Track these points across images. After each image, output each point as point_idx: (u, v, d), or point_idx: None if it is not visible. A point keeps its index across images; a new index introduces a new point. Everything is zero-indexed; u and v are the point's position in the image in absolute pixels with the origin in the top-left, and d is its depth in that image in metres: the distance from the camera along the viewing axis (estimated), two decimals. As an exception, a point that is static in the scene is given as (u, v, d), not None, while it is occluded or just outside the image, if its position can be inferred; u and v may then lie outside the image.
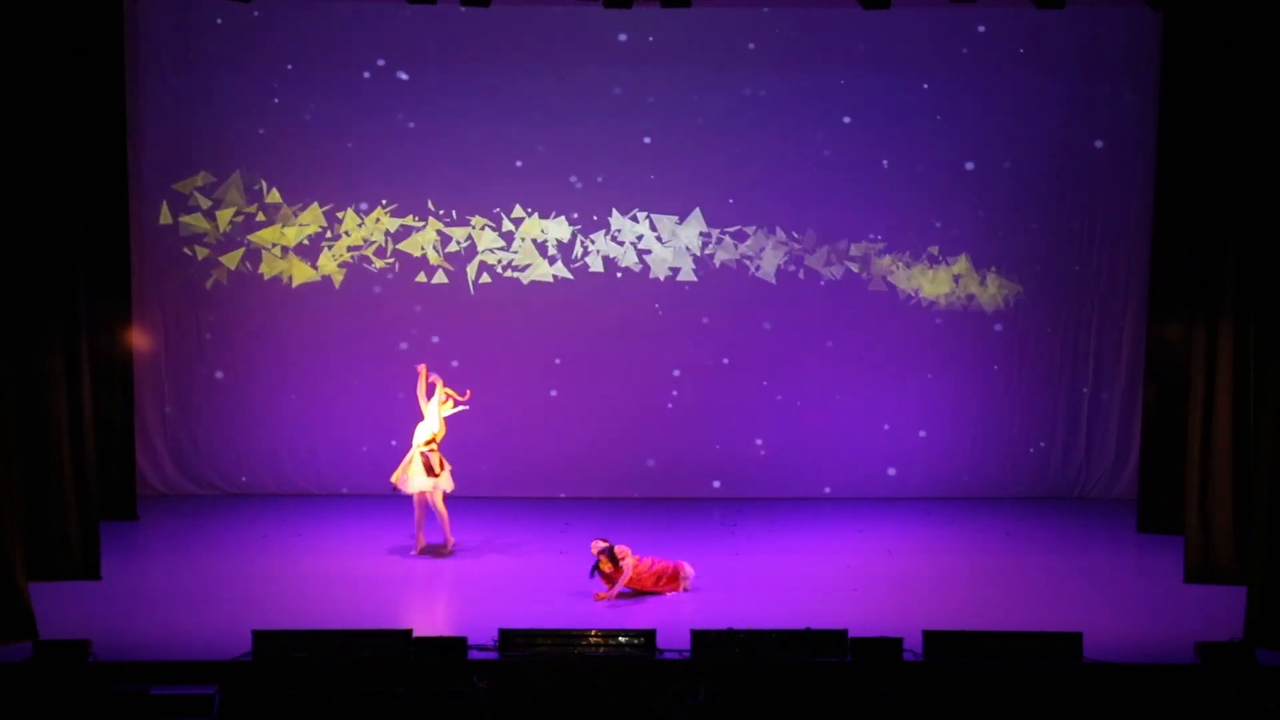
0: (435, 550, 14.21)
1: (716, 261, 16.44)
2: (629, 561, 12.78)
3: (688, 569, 13.06)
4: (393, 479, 14.12)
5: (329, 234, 16.34)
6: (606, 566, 12.79)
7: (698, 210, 16.38)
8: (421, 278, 16.37)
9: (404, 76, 16.11)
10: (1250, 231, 12.75)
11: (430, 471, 14.01)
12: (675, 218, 16.42)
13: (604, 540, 12.88)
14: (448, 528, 14.23)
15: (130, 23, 15.27)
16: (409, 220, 16.35)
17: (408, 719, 10.13)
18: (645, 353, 16.53)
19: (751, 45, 16.13)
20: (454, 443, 16.43)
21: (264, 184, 16.22)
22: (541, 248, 16.41)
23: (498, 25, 15.83)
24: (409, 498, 14.34)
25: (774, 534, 15.21)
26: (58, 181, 12.80)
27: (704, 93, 16.21)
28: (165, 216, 16.12)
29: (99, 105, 14.21)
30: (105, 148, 14.55)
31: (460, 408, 14.35)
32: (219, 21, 15.90)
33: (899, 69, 16.18)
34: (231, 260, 16.27)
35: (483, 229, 16.36)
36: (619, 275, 16.47)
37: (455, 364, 16.07)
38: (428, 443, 14.07)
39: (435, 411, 14.14)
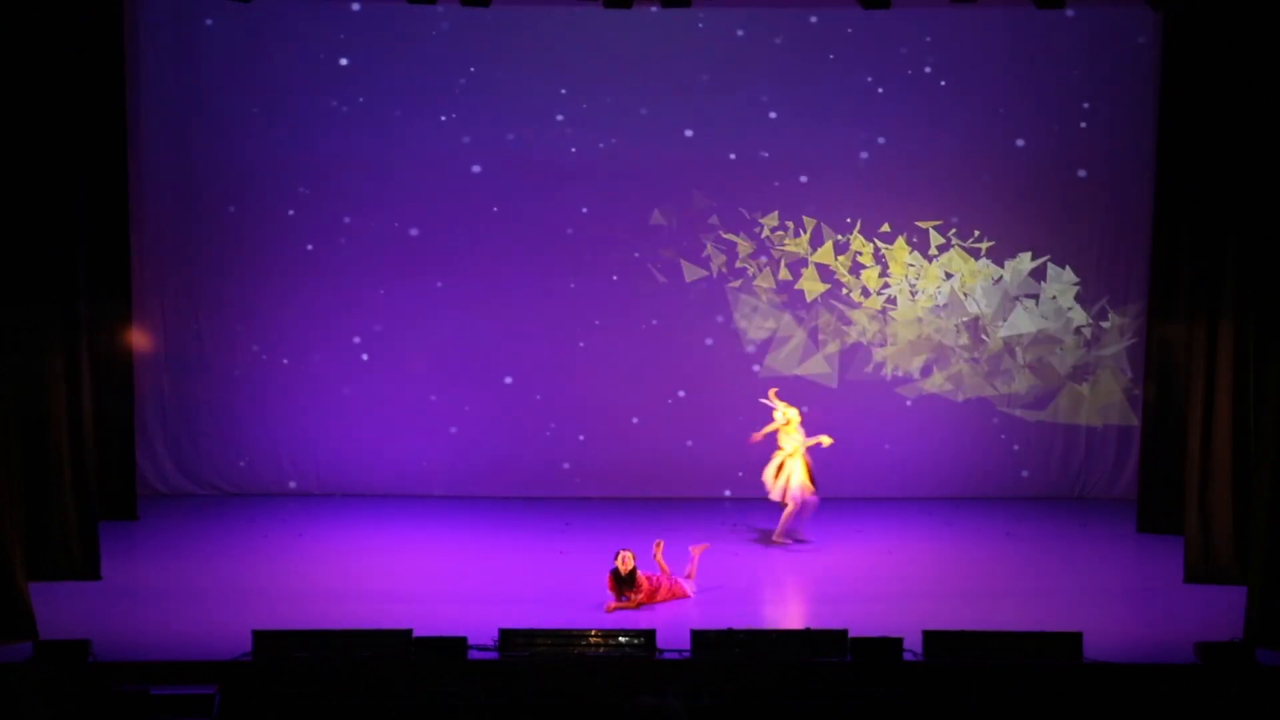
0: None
1: (716, 264, 16.44)
2: (646, 588, 12.68)
3: (688, 587, 13.02)
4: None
5: (332, 232, 16.34)
6: (631, 582, 12.66)
7: (697, 196, 16.41)
8: (419, 302, 16.42)
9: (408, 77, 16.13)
10: (1250, 231, 12.76)
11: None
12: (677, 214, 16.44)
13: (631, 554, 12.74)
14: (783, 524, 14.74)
15: (130, 23, 15.26)
16: (419, 219, 16.37)
17: (408, 719, 10.13)
18: (651, 354, 16.52)
19: (759, 47, 16.16)
20: (455, 442, 16.49)
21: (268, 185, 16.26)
22: (543, 250, 16.41)
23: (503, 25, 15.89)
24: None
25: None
26: (58, 181, 12.81)
27: (713, 95, 16.25)
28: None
29: (99, 105, 14.21)
30: (105, 148, 14.54)
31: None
32: (219, 22, 15.88)
33: (897, 70, 16.17)
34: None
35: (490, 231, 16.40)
36: (615, 278, 16.47)
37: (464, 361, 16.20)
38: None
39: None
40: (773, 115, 16.21)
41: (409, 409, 16.49)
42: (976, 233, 16.40)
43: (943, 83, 16.17)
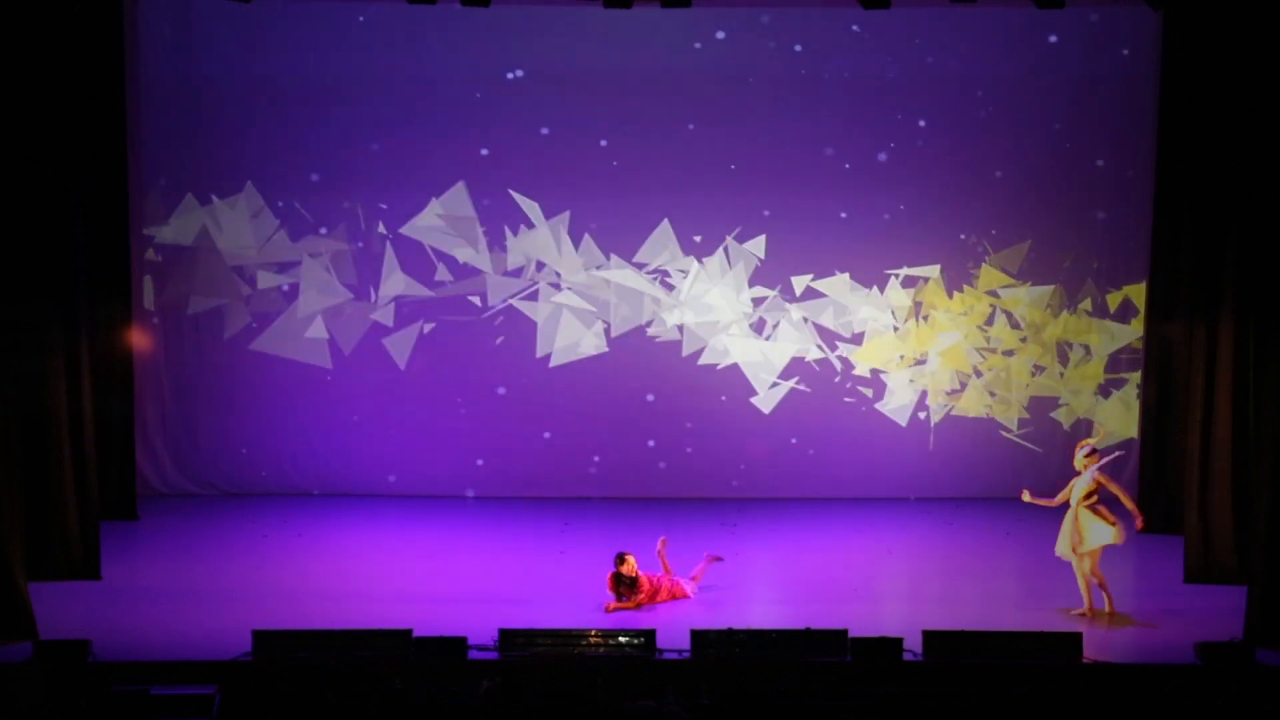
0: (1096, 616, 12.62)
1: (712, 266, 16.44)
2: (646, 588, 12.69)
3: (689, 587, 13.03)
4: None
5: (329, 234, 16.33)
6: (633, 584, 12.67)
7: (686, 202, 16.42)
8: (423, 303, 16.37)
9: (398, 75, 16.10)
10: (1250, 232, 12.77)
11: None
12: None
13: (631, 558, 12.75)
14: (1106, 591, 12.72)
15: (130, 23, 15.25)
16: (411, 221, 16.35)
17: (408, 719, 10.13)
18: (655, 355, 16.51)
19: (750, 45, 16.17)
20: (452, 442, 16.47)
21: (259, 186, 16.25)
22: (548, 253, 16.40)
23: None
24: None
25: (774, 534, 15.21)
26: (58, 182, 12.81)
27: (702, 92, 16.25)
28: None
29: (99, 106, 14.21)
30: (105, 148, 14.53)
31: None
32: (219, 21, 15.84)
33: (896, 71, 16.16)
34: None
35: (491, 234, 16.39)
36: (623, 283, 16.47)
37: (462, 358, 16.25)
38: (1084, 499, 12.74)
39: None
40: (782, 117, 16.19)
41: (410, 409, 16.47)
42: (965, 250, 16.39)
43: (925, 87, 16.15)
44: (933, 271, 16.41)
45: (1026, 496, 12.99)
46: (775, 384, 16.50)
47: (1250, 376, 12.95)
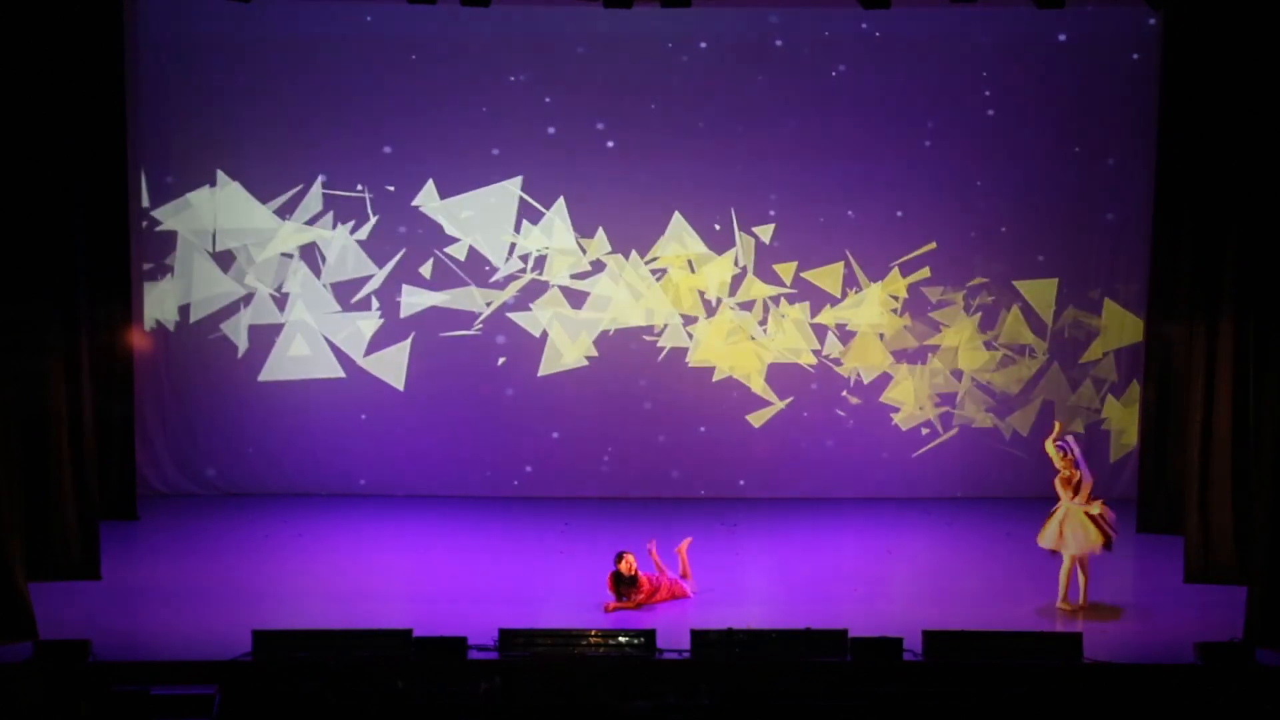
0: (1073, 611, 12.68)
1: (715, 265, 16.45)
2: (646, 588, 12.68)
3: (688, 587, 13.02)
4: (1043, 540, 12.87)
5: (326, 232, 16.33)
6: (632, 583, 12.66)
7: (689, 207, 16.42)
8: (425, 300, 16.37)
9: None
10: (1250, 232, 12.77)
11: (1098, 531, 12.71)
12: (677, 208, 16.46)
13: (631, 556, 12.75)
14: (1086, 589, 12.81)
15: (130, 23, 15.25)
16: (409, 218, 16.36)
17: (408, 719, 10.14)
18: (654, 355, 16.52)
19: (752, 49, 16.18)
20: (454, 442, 16.47)
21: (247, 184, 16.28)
22: (551, 256, 16.40)
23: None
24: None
25: (774, 534, 15.20)
26: (58, 181, 12.81)
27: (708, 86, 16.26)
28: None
29: (99, 106, 14.21)
30: (105, 148, 14.52)
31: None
32: (219, 21, 15.82)
33: (895, 71, 16.16)
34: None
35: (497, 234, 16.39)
36: (626, 281, 16.47)
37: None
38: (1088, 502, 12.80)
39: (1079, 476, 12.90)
40: (788, 117, 16.19)
41: (409, 409, 16.46)
42: (965, 251, 16.36)
43: (923, 88, 16.14)
44: (936, 271, 16.39)
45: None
46: (768, 404, 16.49)
47: (1250, 377, 12.96)
